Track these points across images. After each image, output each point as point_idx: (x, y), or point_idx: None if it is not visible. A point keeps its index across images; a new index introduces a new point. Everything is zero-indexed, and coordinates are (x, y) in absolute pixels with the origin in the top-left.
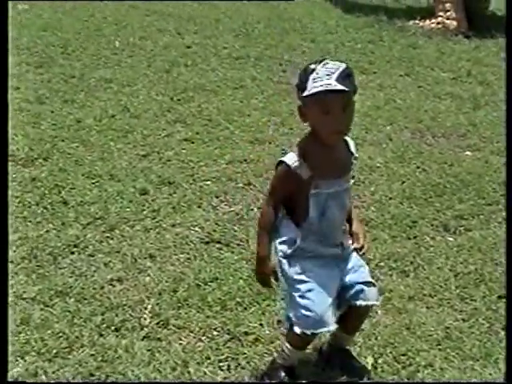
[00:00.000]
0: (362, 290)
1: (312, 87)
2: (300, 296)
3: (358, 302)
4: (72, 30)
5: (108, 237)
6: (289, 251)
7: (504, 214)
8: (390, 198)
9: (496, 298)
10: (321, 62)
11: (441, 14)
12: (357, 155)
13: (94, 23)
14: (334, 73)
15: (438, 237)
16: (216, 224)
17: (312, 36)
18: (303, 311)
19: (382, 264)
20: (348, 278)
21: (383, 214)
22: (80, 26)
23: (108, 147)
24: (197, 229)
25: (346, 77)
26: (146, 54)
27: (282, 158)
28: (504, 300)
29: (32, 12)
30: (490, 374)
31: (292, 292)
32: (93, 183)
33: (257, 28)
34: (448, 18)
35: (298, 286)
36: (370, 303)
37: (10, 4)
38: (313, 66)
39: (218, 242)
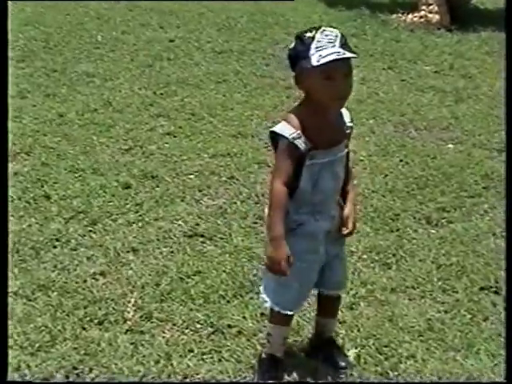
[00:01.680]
0: (331, 282)
1: (319, 56)
2: (285, 277)
3: (327, 291)
4: (54, 24)
5: (91, 231)
6: None
7: (486, 206)
8: (373, 191)
9: (478, 290)
10: (317, 29)
11: (423, 7)
12: (351, 124)
13: (76, 17)
14: (335, 40)
15: (421, 229)
16: (199, 218)
17: (295, 30)
18: (281, 289)
19: (364, 256)
20: (326, 273)
21: (366, 207)
22: (62, 20)
23: (90, 141)
24: (180, 222)
25: (345, 43)
26: (129, 48)
27: (276, 130)
28: (486, 292)
29: (14, 6)
30: (472, 365)
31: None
32: (75, 177)
33: (240, 22)
34: (431, 12)
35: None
36: (337, 293)
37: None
38: (310, 34)
39: (201, 236)
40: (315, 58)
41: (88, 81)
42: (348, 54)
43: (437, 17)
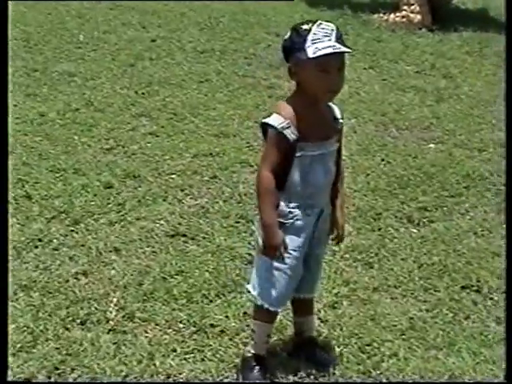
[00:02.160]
0: (308, 286)
1: (315, 48)
2: (269, 271)
3: (303, 295)
4: (35, 23)
5: (72, 230)
6: None
7: (467, 205)
8: (355, 191)
9: (459, 289)
10: (313, 22)
11: (405, 7)
12: (342, 121)
13: (57, 17)
14: (331, 34)
15: (402, 228)
16: (181, 217)
17: (277, 30)
18: (266, 285)
19: (346, 256)
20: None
21: (348, 207)
22: (43, 19)
23: (72, 141)
24: (162, 222)
25: (340, 37)
26: (110, 47)
27: (267, 120)
28: (468, 290)
29: None
30: (454, 363)
31: (264, 263)
32: (57, 177)
33: (222, 22)
34: (412, 12)
35: (276, 263)
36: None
37: None
38: (306, 27)
39: (184, 235)
40: (311, 50)
41: (69, 80)
42: (344, 49)
43: (418, 17)
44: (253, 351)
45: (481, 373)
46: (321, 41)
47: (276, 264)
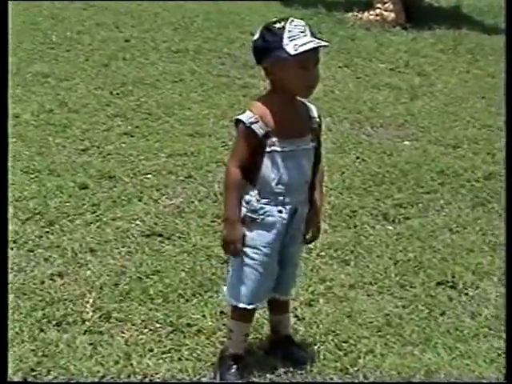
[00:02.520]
0: (285, 288)
1: (294, 45)
2: (239, 267)
3: (278, 296)
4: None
5: (48, 232)
6: (242, 214)
7: (442, 201)
8: (331, 189)
9: (435, 285)
10: (285, 20)
11: (379, 5)
12: (318, 120)
13: (29, 17)
14: (306, 30)
15: (378, 226)
16: (157, 217)
17: (251, 29)
18: (237, 282)
19: (322, 253)
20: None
21: (323, 205)
22: (15, 20)
23: (46, 142)
24: (138, 222)
25: (313, 32)
26: (84, 48)
27: (238, 116)
28: (443, 286)
29: None
30: (430, 359)
31: (236, 260)
32: (31, 178)
33: (196, 21)
34: (386, 10)
35: (245, 259)
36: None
37: None
38: (279, 25)
39: (159, 235)
40: (291, 48)
41: (43, 81)
42: (323, 42)
43: (392, 15)
44: (230, 350)
45: (456, 367)
46: (298, 37)
47: (246, 261)
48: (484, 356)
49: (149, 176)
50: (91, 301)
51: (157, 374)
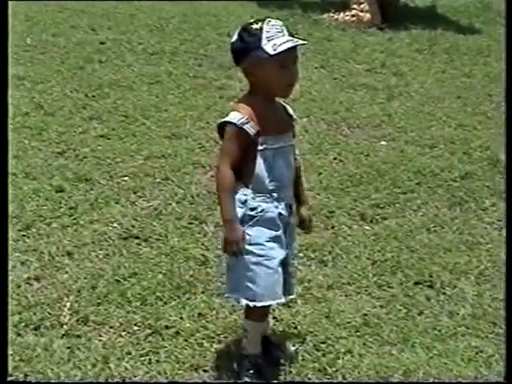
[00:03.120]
0: (291, 286)
1: (273, 45)
2: (247, 267)
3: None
4: None
5: (24, 235)
6: (241, 214)
7: (419, 201)
8: (308, 189)
9: (412, 285)
10: (262, 21)
11: (355, 6)
12: (295, 117)
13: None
14: (283, 29)
15: (355, 226)
16: (134, 219)
17: (227, 30)
18: (247, 283)
19: (300, 254)
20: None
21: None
22: None
23: (22, 145)
24: (115, 225)
25: (290, 32)
26: (59, 50)
27: (226, 119)
28: (421, 286)
29: None
30: (408, 359)
31: (240, 261)
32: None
33: (172, 23)
34: (362, 11)
35: (247, 257)
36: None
37: None
38: (257, 26)
39: (137, 238)
40: (270, 48)
41: (18, 84)
42: (301, 41)
43: (368, 15)
44: (249, 350)
45: (435, 367)
46: (276, 37)
47: (254, 259)
48: (462, 355)
49: (126, 178)
50: (68, 304)
51: (135, 376)
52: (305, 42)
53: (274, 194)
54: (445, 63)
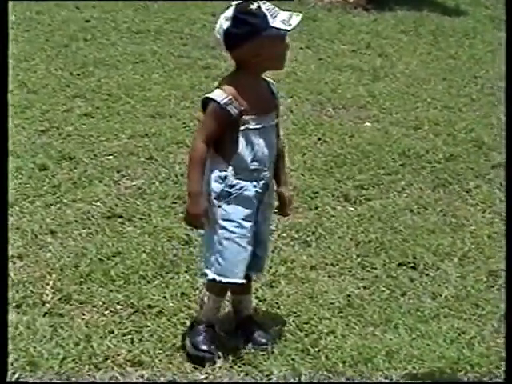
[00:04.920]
0: (258, 263)
1: (282, 20)
2: (219, 242)
3: (252, 274)
4: None
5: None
6: (219, 190)
7: (403, 183)
8: (292, 170)
9: (396, 266)
10: (252, 1)
11: None
12: (279, 96)
13: None
14: (275, 7)
15: (339, 207)
16: (118, 199)
17: (212, 10)
18: (217, 257)
19: (284, 235)
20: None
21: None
22: None
23: None
24: (98, 204)
25: None
26: (44, 28)
27: (210, 95)
28: (404, 267)
29: None
30: (391, 339)
31: (213, 235)
32: None
33: (157, 2)
34: None
35: (220, 231)
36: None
37: None
38: (255, 6)
39: (120, 217)
40: (281, 24)
41: None
42: (301, 15)
43: None
44: (202, 318)
45: (417, 348)
46: (278, 13)
47: (227, 235)
48: (444, 336)
49: (109, 157)
50: (51, 283)
51: (118, 355)
52: (301, 16)
53: (255, 174)
54: (430, 45)
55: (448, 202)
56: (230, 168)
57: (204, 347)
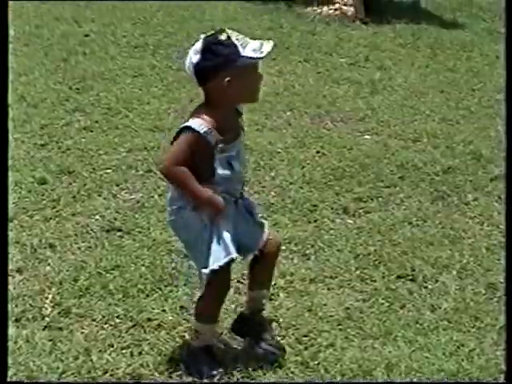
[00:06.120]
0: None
1: (253, 49)
2: (206, 242)
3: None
4: None
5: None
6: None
7: (402, 195)
8: (291, 183)
9: (395, 278)
10: (221, 32)
11: (338, 0)
12: (241, 112)
13: None
14: (244, 36)
15: (338, 219)
16: (117, 212)
17: (211, 24)
18: (208, 249)
19: (283, 248)
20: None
21: (284, 199)
22: None
23: None
24: (97, 217)
25: None
26: (43, 42)
27: (188, 124)
28: (403, 280)
29: None
30: (390, 352)
31: (198, 241)
32: None
33: (155, 16)
34: (346, 5)
35: (204, 235)
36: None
37: None
38: (224, 37)
39: (119, 230)
40: (252, 53)
41: None
42: (271, 42)
43: (352, 9)
44: (201, 345)
45: (416, 360)
46: (248, 42)
47: (206, 234)
48: (443, 349)
49: (108, 171)
50: (50, 296)
51: (117, 369)
52: (273, 43)
53: (230, 191)
54: (428, 58)
55: (446, 214)
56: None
57: (211, 372)
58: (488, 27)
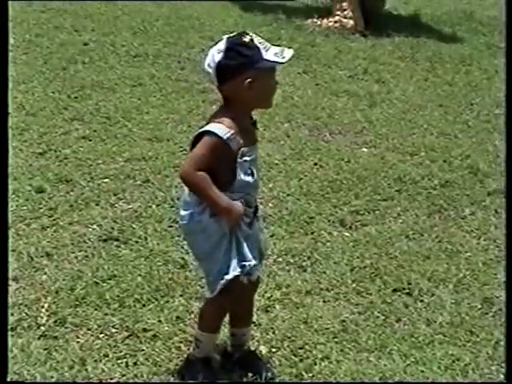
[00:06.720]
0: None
1: (274, 53)
2: (225, 250)
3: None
4: None
5: None
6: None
7: (399, 208)
8: (288, 195)
9: (391, 292)
10: (244, 34)
11: (338, 12)
12: (256, 119)
13: None
14: (266, 41)
15: (335, 232)
16: (114, 222)
17: (210, 34)
18: (227, 258)
19: (279, 259)
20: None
21: (281, 210)
22: None
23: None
24: (95, 226)
25: None
26: (42, 51)
27: (210, 129)
28: (399, 293)
29: None
30: (385, 365)
31: (216, 250)
32: None
33: (155, 26)
34: (345, 17)
35: (223, 243)
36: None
37: None
38: (248, 39)
39: (116, 240)
40: (273, 56)
41: None
42: (292, 50)
43: (351, 22)
44: (200, 355)
45: (411, 374)
46: (270, 47)
47: (222, 242)
48: (439, 363)
49: (106, 180)
50: (46, 305)
51: (112, 379)
52: (293, 51)
53: (247, 197)
54: (427, 71)
55: (443, 228)
56: (228, 193)
57: (205, 382)
58: (487, 41)
